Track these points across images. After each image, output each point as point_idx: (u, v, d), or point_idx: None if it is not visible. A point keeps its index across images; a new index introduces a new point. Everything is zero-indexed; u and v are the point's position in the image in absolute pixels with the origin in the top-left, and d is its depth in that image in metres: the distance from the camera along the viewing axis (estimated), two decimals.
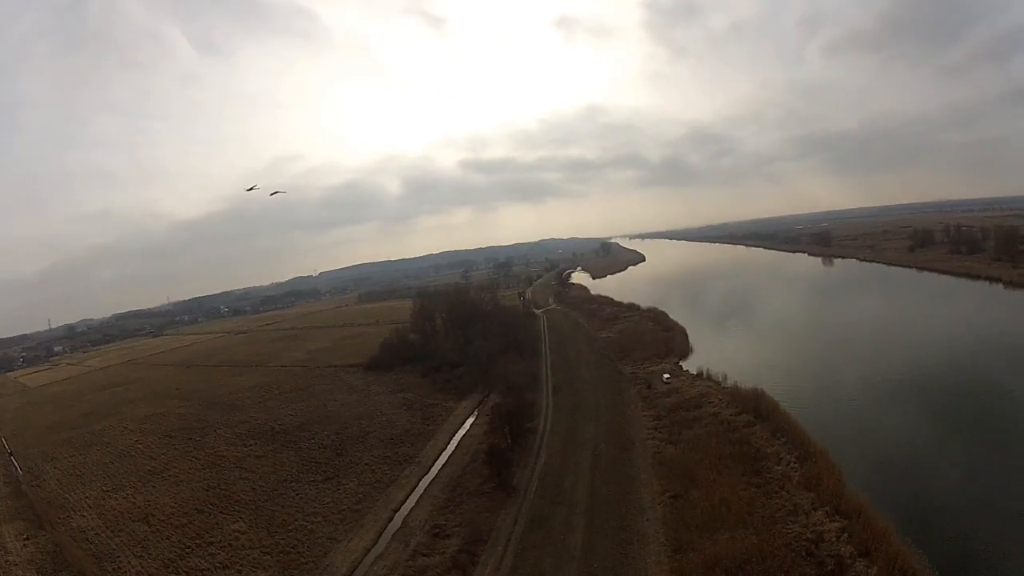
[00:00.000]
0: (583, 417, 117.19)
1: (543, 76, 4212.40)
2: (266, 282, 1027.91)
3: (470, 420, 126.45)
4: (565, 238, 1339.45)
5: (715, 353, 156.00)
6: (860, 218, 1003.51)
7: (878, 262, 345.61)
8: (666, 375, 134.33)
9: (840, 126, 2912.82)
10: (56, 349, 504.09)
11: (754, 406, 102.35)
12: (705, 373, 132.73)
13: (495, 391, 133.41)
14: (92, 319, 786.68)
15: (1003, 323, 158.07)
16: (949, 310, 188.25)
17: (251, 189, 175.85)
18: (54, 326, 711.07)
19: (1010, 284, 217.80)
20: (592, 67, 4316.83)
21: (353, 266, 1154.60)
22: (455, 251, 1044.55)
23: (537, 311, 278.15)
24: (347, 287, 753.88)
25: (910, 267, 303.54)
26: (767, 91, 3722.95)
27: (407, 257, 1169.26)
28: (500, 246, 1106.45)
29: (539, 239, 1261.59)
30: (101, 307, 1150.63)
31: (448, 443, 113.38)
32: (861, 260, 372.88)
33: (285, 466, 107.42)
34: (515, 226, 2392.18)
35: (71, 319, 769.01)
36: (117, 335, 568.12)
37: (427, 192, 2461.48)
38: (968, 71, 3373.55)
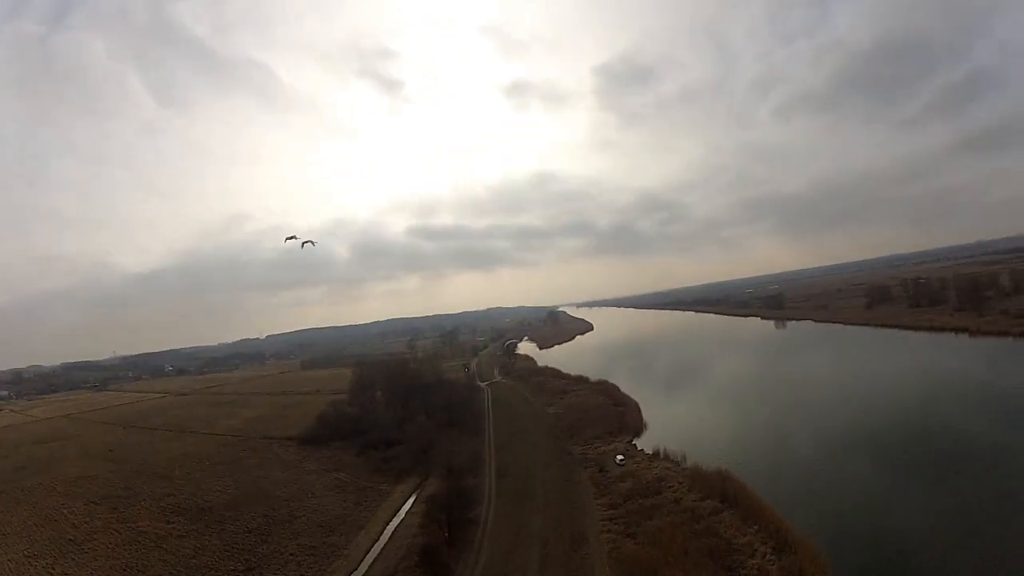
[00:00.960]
0: (530, 506, 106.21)
1: (494, 142, 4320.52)
2: (214, 341, 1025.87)
3: (406, 506, 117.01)
4: (513, 306, 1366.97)
5: (671, 428, 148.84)
6: (810, 278, 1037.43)
7: (835, 322, 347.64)
8: (620, 456, 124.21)
9: (790, 187, 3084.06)
10: (2, 394, 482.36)
11: (720, 489, 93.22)
12: (662, 452, 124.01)
13: (434, 473, 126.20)
14: (42, 365, 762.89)
15: (989, 375, 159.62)
16: (926, 365, 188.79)
17: (290, 239, 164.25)
18: (2, 369, 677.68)
19: (978, 333, 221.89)
20: (543, 133, 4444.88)
21: (300, 330, 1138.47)
22: (403, 318, 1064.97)
23: (482, 384, 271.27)
24: (292, 352, 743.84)
25: (869, 325, 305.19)
26: (717, 155, 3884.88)
27: (356, 323, 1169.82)
28: (448, 314, 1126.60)
29: (487, 307, 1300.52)
30: (51, 354, 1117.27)
31: (381, 533, 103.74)
32: (817, 321, 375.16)
33: (207, 550, 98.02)
34: (464, 293, 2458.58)
35: (20, 363, 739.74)
36: (62, 385, 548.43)
37: (376, 258, 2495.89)
38: (921, 124, 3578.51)
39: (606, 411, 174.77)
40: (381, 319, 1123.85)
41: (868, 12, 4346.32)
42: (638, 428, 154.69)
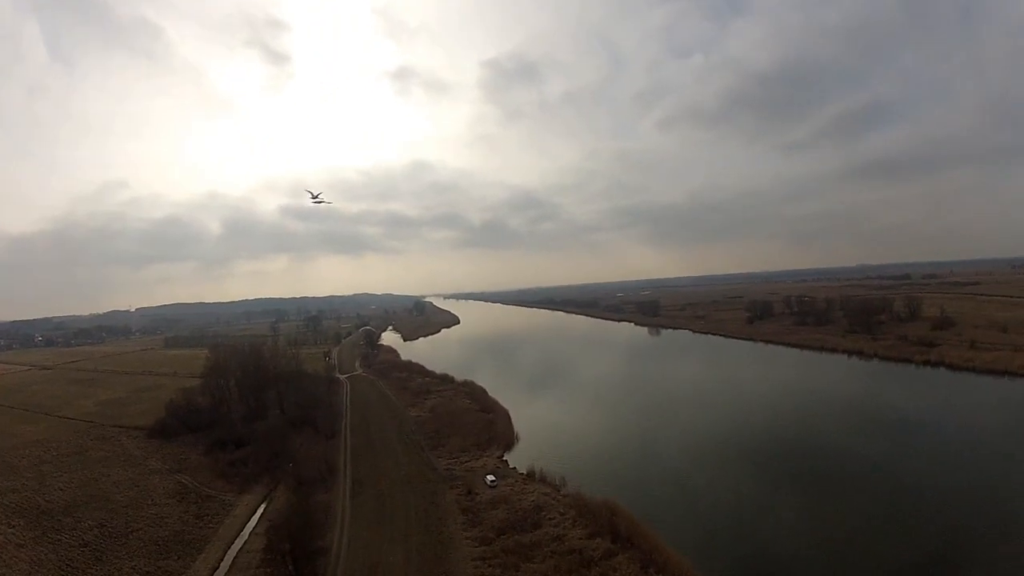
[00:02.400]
0: (389, 533, 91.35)
1: (373, 126, 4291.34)
2: (85, 312, 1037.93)
3: (252, 523, 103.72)
4: (380, 294, 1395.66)
5: (545, 442, 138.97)
6: (682, 287, 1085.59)
7: (716, 334, 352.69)
8: (491, 476, 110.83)
9: (666, 198, 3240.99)
10: None
11: (608, 524, 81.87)
12: (538, 473, 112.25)
13: (284, 483, 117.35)
14: None
15: (892, 399, 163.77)
16: (823, 385, 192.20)
17: (315, 199, 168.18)
18: None
19: (874, 357, 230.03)
20: (423, 123, 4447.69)
21: (169, 305, 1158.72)
22: (270, 299, 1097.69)
23: (342, 377, 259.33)
24: (159, 327, 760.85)
25: (754, 340, 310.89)
26: (595, 161, 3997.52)
27: (223, 301, 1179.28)
28: (314, 297, 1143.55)
29: (353, 293, 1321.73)
30: None
31: (221, 560, 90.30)
32: (696, 332, 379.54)
33: (43, 566, 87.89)
34: (331, 278, 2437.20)
35: None
36: None
37: (247, 236, 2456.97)
38: (809, 148, 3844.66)
39: (473, 418, 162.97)
40: (249, 298, 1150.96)
41: (771, 35, 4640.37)
42: (509, 440, 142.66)
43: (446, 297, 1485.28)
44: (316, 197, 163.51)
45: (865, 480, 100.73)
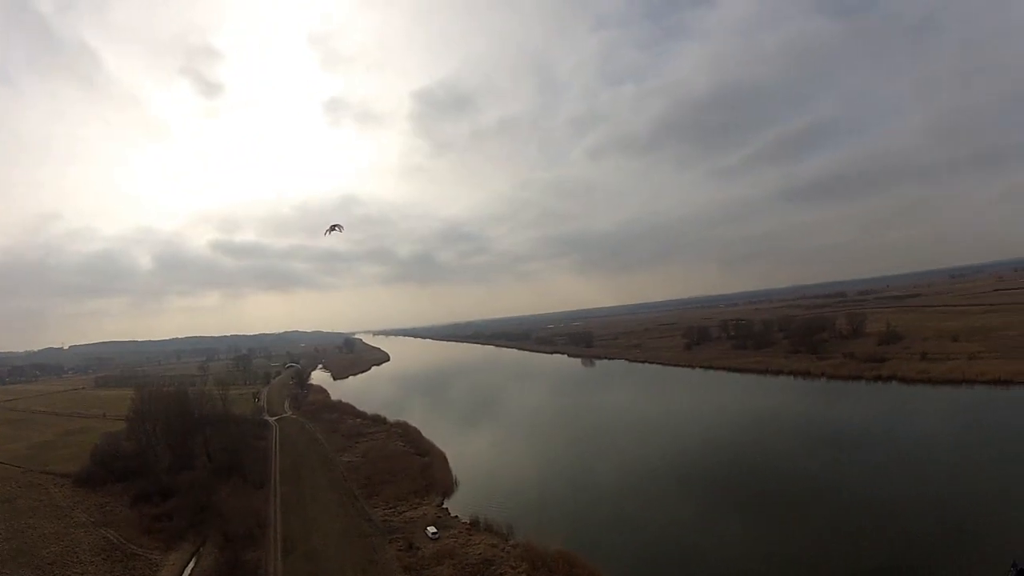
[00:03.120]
0: None
1: (307, 159, 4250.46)
2: (20, 348, 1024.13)
3: None
4: (310, 331, 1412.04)
5: (486, 487, 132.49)
6: (614, 315, 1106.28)
7: (653, 362, 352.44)
8: (432, 528, 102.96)
9: (598, 226, 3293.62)
10: None
11: None
12: (483, 522, 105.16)
13: (212, 539, 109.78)
14: None
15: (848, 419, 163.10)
16: (767, 408, 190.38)
17: (333, 228, 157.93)
18: None
19: (822, 376, 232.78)
20: (355, 154, 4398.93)
21: (102, 343, 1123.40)
22: (201, 336, 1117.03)
23: (271, 419, 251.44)
24: (91, 365, 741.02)
25: (692, 366, 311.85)
26: (526, 191, 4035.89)
27: (154, 339, 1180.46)
28: (245, 335, 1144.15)
29: (284, 330, 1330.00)
30: None
31: None
32: (631, 361, 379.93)
33: None
34: (262, 315, 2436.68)
35: None
36: None
37: (179, 271, 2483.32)
38: (743, 171, 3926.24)
39: (409, 462, 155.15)
40: (180, 336, 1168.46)
41: (707, 60, 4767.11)
42: (448, 486, 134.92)
43: (375, 333, 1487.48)
44: (335, 228, 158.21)
45: (816, 498, 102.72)
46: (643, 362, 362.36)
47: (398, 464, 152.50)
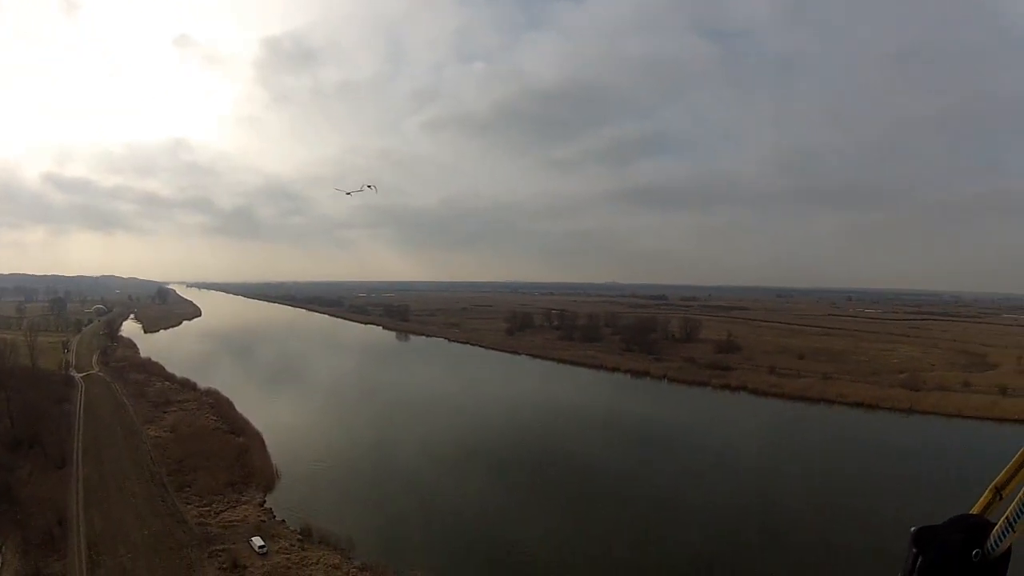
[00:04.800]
0: None
1: (145, 96, 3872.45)
2: None
3: None
4: (126, 277, 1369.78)
5: (309, 480, 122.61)
6: (426, 291, 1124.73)
7: (475, 344, 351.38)
8: (258, 539, 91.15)
9: (422, 201, 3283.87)
10: None
11: None
12: (316, 532, 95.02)
13: (10, 542, 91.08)
14: None
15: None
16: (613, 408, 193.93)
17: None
18: None
19: (663, 378, 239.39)
20: (192, 98, 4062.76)
21: None
22: (25, 274, 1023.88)
23: (78, 375, 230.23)
24: None
25: (517, 353, 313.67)
26: (356, 156, 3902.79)
27: None
28: (64, 276, 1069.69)
29: (101, 274, 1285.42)
30: None
31: None
32: (451, 340, 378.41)
33: None
34: (82, 256, 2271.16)
35: None
36: None
37: (8, 202, 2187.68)
38: (580, 167, 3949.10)
39: (223, 443, 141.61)
40: (5, 272, 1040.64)
41: (565, 56, 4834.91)
42: (269, 477, 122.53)
43: (189, 285, 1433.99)
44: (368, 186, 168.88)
45: (641, 493, 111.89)
46: (464, 343, 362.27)
47: (211, 445, 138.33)
